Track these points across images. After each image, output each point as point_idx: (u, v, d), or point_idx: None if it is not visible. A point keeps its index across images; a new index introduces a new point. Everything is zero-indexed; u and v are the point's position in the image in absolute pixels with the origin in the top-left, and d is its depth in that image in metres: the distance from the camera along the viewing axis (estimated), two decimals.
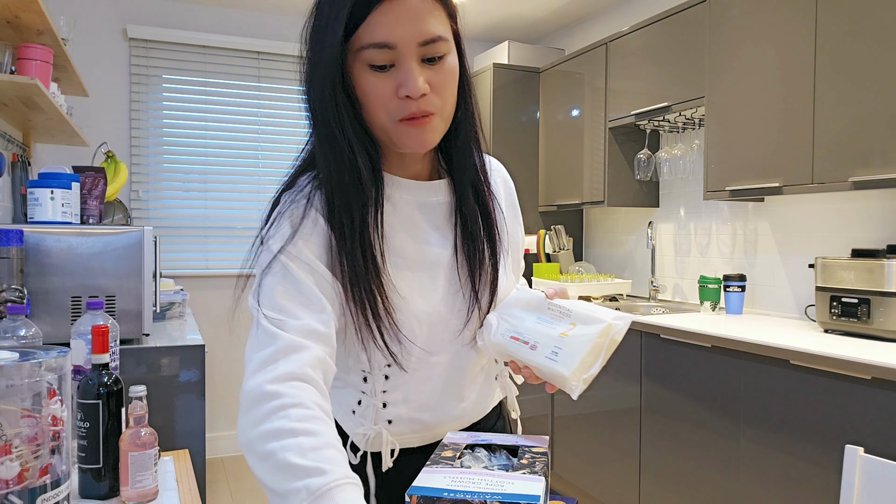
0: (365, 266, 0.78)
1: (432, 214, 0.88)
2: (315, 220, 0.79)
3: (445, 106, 0.79)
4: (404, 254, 0.85)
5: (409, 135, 0.78)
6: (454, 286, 0.87)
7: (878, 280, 2.00)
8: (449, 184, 0.90)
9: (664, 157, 3.12)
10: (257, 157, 3.83)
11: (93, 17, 3.49)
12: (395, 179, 0.86)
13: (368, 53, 0.74)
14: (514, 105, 3.71)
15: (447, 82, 0.78)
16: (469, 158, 0.87)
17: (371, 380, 0.86)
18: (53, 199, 1.90)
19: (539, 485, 0.67)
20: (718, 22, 2.53)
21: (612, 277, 3.44)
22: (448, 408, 0.89)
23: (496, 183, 0.97)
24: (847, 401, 1.80)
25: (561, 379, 0.78)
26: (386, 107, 0.76)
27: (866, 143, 2.00)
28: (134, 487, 1.05)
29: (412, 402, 0.87)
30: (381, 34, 0.73)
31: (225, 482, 3.36)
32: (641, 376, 2.52)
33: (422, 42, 0.74)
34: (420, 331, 0.84)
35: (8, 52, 1.92)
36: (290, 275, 0.75)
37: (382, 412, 0.87)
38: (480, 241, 0.88)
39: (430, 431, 0.90)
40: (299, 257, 0.76)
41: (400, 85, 0.75)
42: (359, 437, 0.88)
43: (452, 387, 0.89)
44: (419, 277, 0.85)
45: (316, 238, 0.78)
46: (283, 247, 0.76)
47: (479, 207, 0.89)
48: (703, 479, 2.26)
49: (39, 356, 0.87)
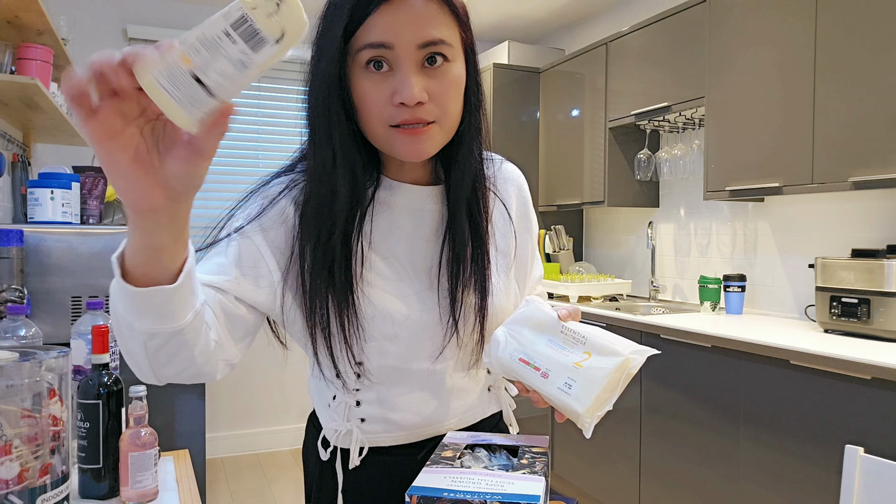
0: (329, 277, 0.77)
1: (424, 221, 0.85)
2: (283, 210, 0.80)
3: (447, 117, 0.76)
4: (389, 255, 0.83)
5: (403, 143, 0.75)
6: (432, 294, 0.84)
7: (877, 280, 2.00)
8: (444, 192, 0.86)
9: (664, 157, 3.12)
10: (257, 157, 3.83)
11: (93, 17, 3.49)
12: (390, 183, 0.85)
13: (365, 54, 0.72)
14: (514, 105, 3.71)
15: (448, 91, 0.75)
16: (467, 174, 0.83)
17: (343, 377, 0.84)
18: (53, 199, 1.91)
19: (539, 485, 0.67)
20: (718, 22, 2.54)
21: (612, 277, 3.44)
22: (427, 412, 0.86)
23: (508, 192, 0.94)
24: (847, 401, 1.80)
25: (574, 415, 0.75)
26: (379, 112, 0.74)
27: (866, 143, 2.00)
28: (134, 487, 1.05)
29: (387, 404, 0.85)
30: (378, 34, 0.71)
31: (225, 482, 3.36)
32: (641, 376, 2.52)
33: (421, 44, 0.72)
34: (394, 335, 0.81)
35: (8, 51, 1.92)
36: (220, 247, 0.78)
37: (355, 410, 0.85)
38: (467, 254, 0.84)
39: (404, 432, 0.87)
40: (251, 239, 0.78)
41: (395, 91, 0.72)
42: (330, 432, 0.87)
43: (433, 393, 0.86)
44: (398, 282, 0.83)
45: (277, 228, 0.79)
46: (241, 226, 0.78)
47: (469, 221, 0.84)
48: (703, 479, 2.26)
49: (39, 356, 0.87)
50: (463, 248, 0.83)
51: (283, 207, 0.80)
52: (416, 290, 0.83)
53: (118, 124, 0.49)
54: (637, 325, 2.52)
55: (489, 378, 0.94)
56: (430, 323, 0.83)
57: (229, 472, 3.50)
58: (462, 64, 0.78)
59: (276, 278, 0.79)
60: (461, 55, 0.77)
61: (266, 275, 0.79)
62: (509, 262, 0.92)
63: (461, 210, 0.84)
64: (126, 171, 0.52)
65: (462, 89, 0.78)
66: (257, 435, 3.84)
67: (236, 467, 3.59)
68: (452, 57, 0.75)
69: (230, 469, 3.56)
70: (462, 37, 0.77)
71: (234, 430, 3.80)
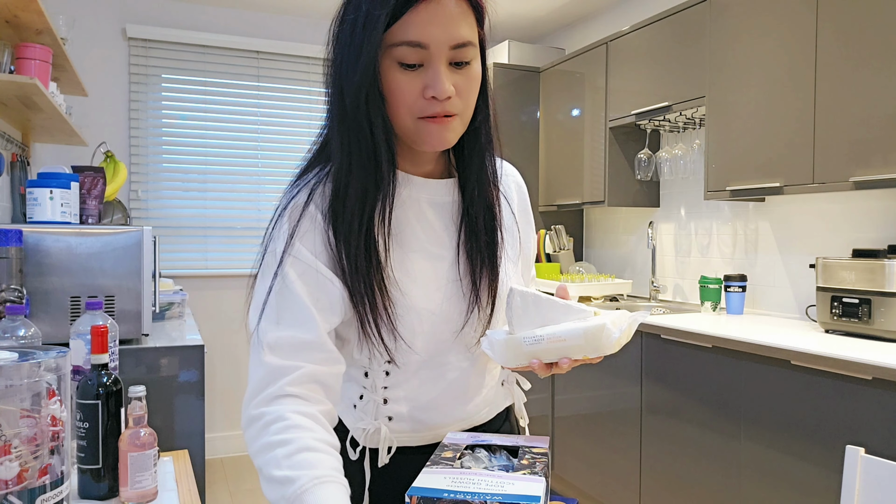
0: (367, 260, 0.80)
1: (441, 213, 0.89)
2: (313, 217, 0.81)
3: (467, 109, 0.81)
4: (411, 250, 0.85)
5: (430, 132, 0.79)
6: (455, 285, 0.87)
7: (879, 280, 2.00)
8: (459, 184, 0.90)
9: (665, 157, 3.12)
10: (257, 157, 3.83)
11: (92, 17, 3.49)
12: (407, 177, 0.87)
13: (400, 51, 0.75)
14: (514, 105, 3.71)
15: (471, 87, 0.80)
16: (482, 163, 0.88)
17: (372, 375, 0.87)
18: (52, 198, 1.90)
19: (539, 485, 0.67)
20: (719, 21, 2.53)
21: (612, 277, 3.44)
22: (451, 410, 0.89)
23: (509, 188, 0.98)
24: (848, 401, 1.79)
25: (598, 329, 0.75)
26: (410, 105, 0.78)
27: (867, 142, 2.00)
28: (133, 488, 1.05)
29: (414, 401, 0.88)
30: (416, 33, 0.74)
31: (224, 482, 3.36)
32: (642, 377, 2.52)
33: (453, 45, 0.76)
34: (420, 328, 0.84)
35: (7, 51, 1.92)
36: (285, 287, 0.78)
37: (383, 408, 0.88)
38: (483, 244, 0.88)
39: (431, 432, 0.90)
40: (298, 258, 0.79)
41: (427, 85, 0.76)
42: (358, 431, 0.89)
43: (456, 389, 0.89)
44: (423, 275, 0.85)
45: (312, 235, 0.80)
46: (284, 249, 0.79)
47: (485, 212, 0.89)
48: (704, 479, 2.25)
49: (39, 356, 0.87)
50: (480, 233, 0.88)
51: (312, 215, 0.81)
52: (437, 282, 0.86)
53: None
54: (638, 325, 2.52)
55: (503, 373, 0.98)
56: (453, 314, 0.86)
57: (229, 473, 3.50)
58: (479, 60, 0.82)
59: (337, 285, 0.80)
60: (479, 53, 0.82)
61: (331, 289, 0.80)
62: (517, 252, 0.96)
63: (477, 199, 0.88)
64: None
65: (479, 84, 0.83)
66: None
67: (236, 468, 3.59)
68: (474, 55, 0.80)
69: (230, 469, 3.56)
70: (479, 34, 0.82)
71: (234, 430, 3.79)
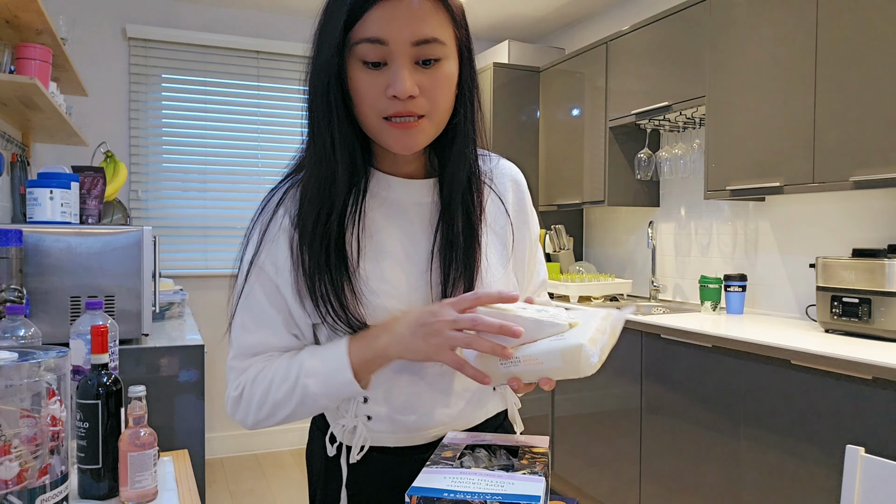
0: (327, 259, 0.81)
1: (420, 214, 0.88)
2: (280, 221, 0.84)
3: (436, 110, 0.79)
4: (386, 251, 0.85)
5: (393, 136, 0.78)
6: (425, 292, 0.86)
7: (879, 280, 2.00)
8: (438, 186, 0.89)
9: (665, 157, 3.12)
10: (257, 157, 3.83)
11: (92, 17, 3.49)
12: (385, 177, 0.87)
13: (362, 49, 0.75)
14: (514, 104, 3.71)
15: (439, 87, 0.78)
16: (459, 163, 0.85)
17: None
18: (52, 198, 1.90)
19: (539, 485, 0.67)
20: (719, 21, 2.53)
21: (612, 277, 3.44)
22: (430, 412, 0.87)
23: (504, 185, 0.95)
24: (848, 401, 1.79)
25: (575, 350, 0.70)
26: (373, 104, 0.77)
27: (867, 142, 2.00)
28: (133, 488, 1.05)
29: (392, 402, 0.86)
30: (375, 29, 0.74)
31: (224, 482, 3.36)
32: (642, 376, 2.52)
33: (415, 42, 0.75)
34: None
35: (7, 51, 1.92)
36: (251, 294, 0.85)
37: (362, 407, 0.87)
38: (459, 250, 0.85)
39: (409, 434, 0.88)
40: (263, 269, 0.85)
41: (389, 84, 0.76)
42: (338, 427, 0.89)
43: (435, 391, 0.87)
44: (398, 276, 0.85)
45: (277, 244, 0.84)
46: (251, 260, 0.85)
47: (463, 215, 0.86)
48: (704, 479, 2.25)
49: (38, 356, 0.87)
50: (457, 238, 0.86)
51: (280, 220, 0.85)
52: (409, 283, 0.85)
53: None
54: (637, 325, 2.52)
55: None
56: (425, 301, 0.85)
57: (229, 473, 3.50)
58: (455, 61, 0.80)
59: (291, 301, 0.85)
60: (454, 53, 0.80)
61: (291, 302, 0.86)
62: (507, 254, 0.93)
63: (455, 201, 0.86)
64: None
65: (453, 85, 0.81)
66: (257, 435, 3.83)
67: (236, 467, 3.59)
68: (445, 55, 0.78)
69: (230, 469, 3.56)
70: (456, 34, 0.80)
71: (234, 430, 3.79)
